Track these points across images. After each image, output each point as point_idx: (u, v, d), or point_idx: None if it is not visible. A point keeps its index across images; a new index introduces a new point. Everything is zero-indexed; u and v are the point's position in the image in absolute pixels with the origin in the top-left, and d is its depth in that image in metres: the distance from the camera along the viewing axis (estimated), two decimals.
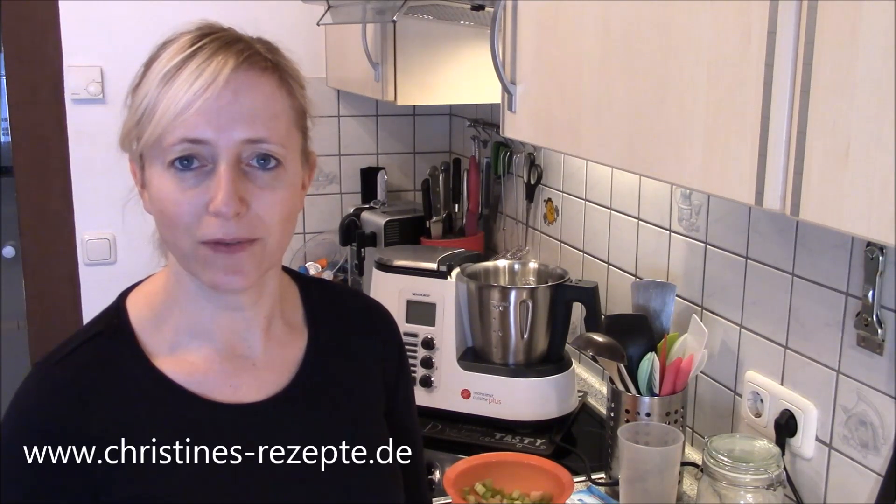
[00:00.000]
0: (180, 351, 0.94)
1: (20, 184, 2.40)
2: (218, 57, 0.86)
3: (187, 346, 0.95)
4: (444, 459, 1.63)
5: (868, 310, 1.20)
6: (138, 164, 0.92)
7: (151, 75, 0.87)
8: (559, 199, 2.07)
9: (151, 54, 0.90)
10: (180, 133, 0.85)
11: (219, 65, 0.85)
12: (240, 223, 0.86)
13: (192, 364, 0.94)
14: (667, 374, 1.46)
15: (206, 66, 0.85)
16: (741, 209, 1.45)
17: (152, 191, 0.89)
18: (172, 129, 0.85)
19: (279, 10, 2.42)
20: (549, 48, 1.26)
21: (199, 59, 0.85)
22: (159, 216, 0.89)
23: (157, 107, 0.85)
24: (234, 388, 0.96)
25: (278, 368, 1.00)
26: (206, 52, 0.86)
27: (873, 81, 0.73)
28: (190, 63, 0.85)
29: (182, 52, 0.86)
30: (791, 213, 0.84)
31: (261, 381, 0.98)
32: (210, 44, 0.87)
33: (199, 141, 0.85)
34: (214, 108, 0.85)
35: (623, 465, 1.36)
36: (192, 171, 0.86)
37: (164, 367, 0.93)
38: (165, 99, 0.85)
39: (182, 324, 0.95)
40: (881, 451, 1.21)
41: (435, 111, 2.73)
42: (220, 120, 0.85)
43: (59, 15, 2.36)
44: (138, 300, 0.97)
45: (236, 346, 0.97)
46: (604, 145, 1.14)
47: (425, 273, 1.79)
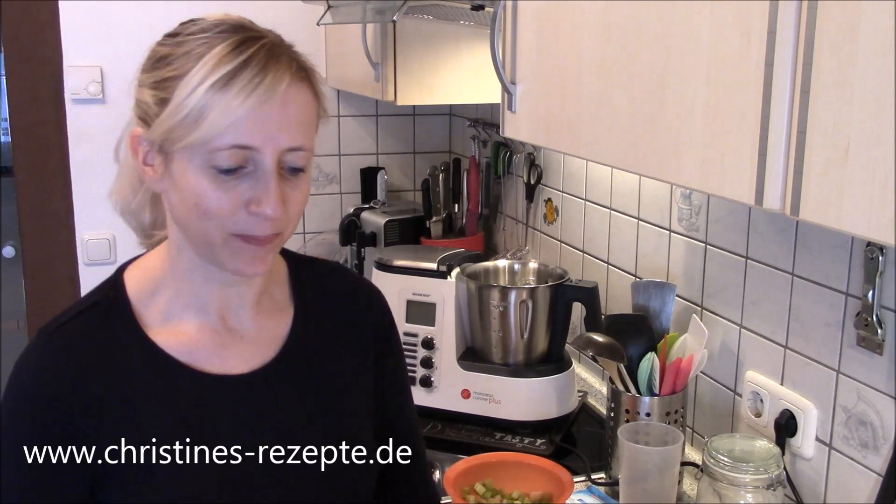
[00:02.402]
0: (173, 322, 0.99)
1: (20, 184, 2.40)
2: (271, 70, 0.89)
3: (180, 317, 0.99)
4: (444, 459, 1.63)
5: (868, 310, 1.20)
6: (151, 145, 0.93)
7: (194, 76, 0.88)
8: (559, 199, 2.07)
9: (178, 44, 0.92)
10: (230, 139, 0.88)
11: (274, 79, 0.89)
12: (274, 222, 0.92)
13: (183, 335, 0.99)
14: (667, 374, 1.46)
15: (260, 78, 0.88)
16: (741, 209, 1.45)
17: (181, 182, 0.91)
18: (223, 135, 0.88)
19: (279, 10, 2.42)
20: (549, 48, 1.26)
21: (254, 70, 0.88)
22: (188, 207, 0.92)
23: (208, 112, 0.88)
24: (223, 359, 1.00)
25: (265, 342, 1.04)
26: (257, 62, 0.89)
27: (873, 81, 0.73)
28: (244, 72, 0.88)
29: (231, 57, 0.89)
30: (791, 213, 0.84)
31: (249, 354, 1.02)
32: (258, 54, 0.90)
33: (247, 147, 0.89)
34: (266, 118, 0.89)
35: (623, 465, 1.36)
36: (233, 173, 0.90)
37: (156, 337, 0.98)
38: (219, 106, 0.87)
39: (176, 296, 0.99)
40: (881, 451, 1.21)
41: (435, 111, 2.73)
42: (270, 129, 0.89)
43: (59, 15, 2.36)
44: (135, 273, 1.01)
45: (227, 319, 1.02)
46: (604, 145, 1.14)
47: (425, 273, 1.79)
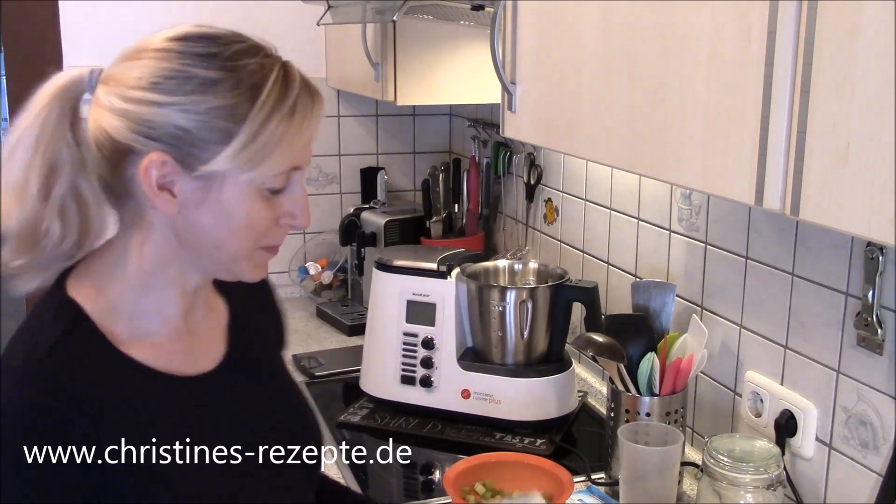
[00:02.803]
0: (139, 335, 0.97)
1: None
2: (314, 93, 0.96)
3: (147, 329, 0.98)
4: (443, 459, 1.63)
5: (868, 310, 1.20)
6: (191, 176, 0.91)
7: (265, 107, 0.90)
8: (559, 199, 2.07)
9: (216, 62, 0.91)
10: (291, 163, 0.94)
11: (319, 102, 0.96)
12: None
13: (154, 346, 0.98)
14: (667, 374, 1.46)
15: (311, 103, 0.94)
16: (741, 209, 1.45)
17: (230, 205, 0.93)
18: (286, 161, 0.93)
19: (279, 10, 2.42)
20: (549, 48, 1.26)
21: (304, 96, 0.94)
22: (231, 228, 0.94)
23: (281, 142, 0.91)
24: (194, 360, 1.02)
25: (216, 336, 1.08)
26: (302, 87, 0.94)
27: (873, 81, 0.73)
28: (300, 101, 0.93)
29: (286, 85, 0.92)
30: (791, 213, 0.84)
31: (209, 350, 1.05)
32: (296, 75, 0.95)
33: (299, 168, 0.96)
34: (311, 140, 0.96)
35: (623, 465, 1.36)
36: (279, 192, 0.95)
37: (131, 353, 0.96)
38: (289, 135, 0.92)
39: (142, 309, 0.98)
40: (881, 451, 1.21)
41: (435, 111, 2.73)
42: (311, 149, 0.97)
43: (59, 15, 2.35)
44: (87, 294, 0.96)
45: (189, 322, 1.03)
46: (604, 145, 1.14)
47: (425, 273, 1.79)
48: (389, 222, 2.36)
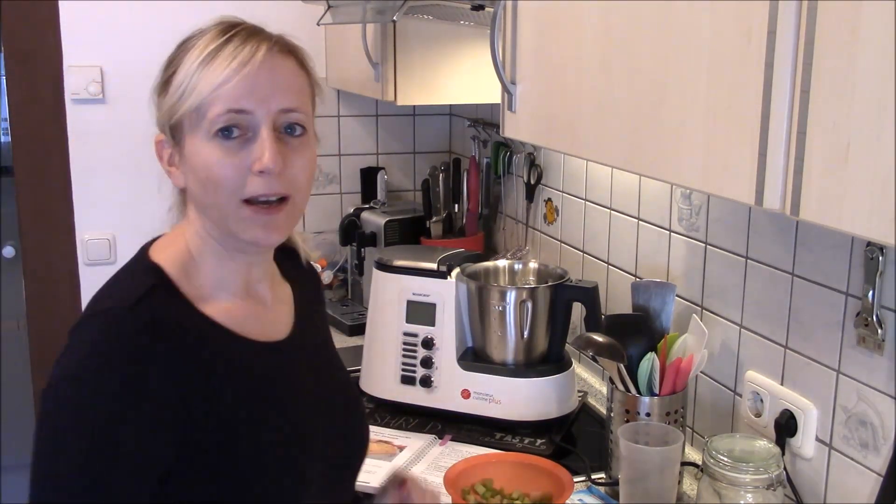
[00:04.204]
0: (211, 300, 1.03)
1: (20, 184, 2.40)
2: (251, 41, 0.99)
3: (215, 295, 1.04)
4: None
5: (868, 310, 1.20)
6: (169, 142, 1.01)
7: (188, 62, 0.98)
8: (559, 199, 2.07)
9: (179, 48, 1.01)
10: (223, 105, 0.96)
11: (253, 48, 0.98)
12: (279, 180, 0.98)
13: (226, 309, 1.04)
14: (667, 374, 1.46)
15: (241, 48, 0.98)
16: (741, 209, 1.45)
17: (193, 160, 0.99)
18: (215, 102, 0.96)
19: (279, 10, 2.42)
20: (549, 48, 1.26)
21: (235, 43, 0.98)
22: (202, 182, 0.99)
23: (198, 83, 0.96)
24: (264, 326, 1.08)
25: (284, 311, 1.13)
26: (239, 38, 0.99)
27: (873, 81, 0.73)
28: (227, 47, 0.97)
29: (216, 39, 0.98)
30: (791, 213, 0.84)
31: (277, 321, 1.11)
32: (240, 32, 0.99)
33: (241, 111, 0.97)
34: (253, 83, 0.97)
35: (623, 465, 1.36)
36: (235, 140, 0.97)
37: (208, 312, 1.02)
38: (206, 76, 0.96)
39: (207, 279, 1.04)
40: (881, 451, 1.21)
41: (435, 111, 2.73)
42: (260, 93, 0.97)
43: (59, 15, 2.35)
44: (165, 258, 1.03)
45: (253, 293, 1.08)
46: (604, 145, 1.14)
47: (425, 273, 1.79)
48: (389, 222, 2.36)
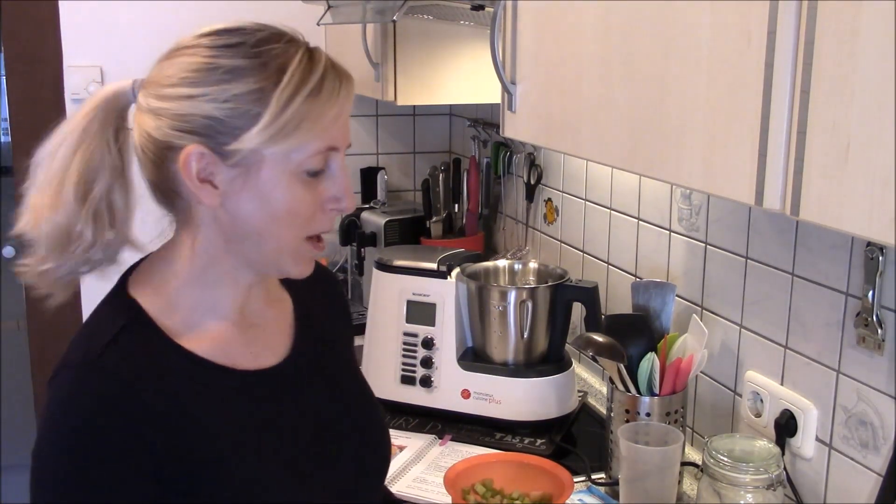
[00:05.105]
0: (197, 330, 0.98)
1: (20, 184, 2.40)
2: (341, 73, 0.96)
3: (204, 324, 0.99)
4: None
5: (868, 310, 1.20)
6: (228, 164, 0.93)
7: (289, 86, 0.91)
8: (559, 199, 2.07)
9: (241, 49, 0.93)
10: (323, 143, 0.94)
11: (348, 82, 0.96)
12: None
13: (212, 339, 0.99)
14: (667, 374, 1.46)
15: (339, 82, 0.95)
16: (741, 209, 1.45)
17: (270, 191, 0.93)
18: (316, 140, 0.93)
19: (279, 10, 2.42)
20: (549, 48, 1.26)
21: (332, 76, 0.95)
22: (273, 215, 0.94)
23: (304, 119, 0.92)
24: (254, 354, 1.02)
25: (281, 330, 1.08)
26: (330, 68, 0.95)
27: (873, 81, 0.73)
28: (327, 80, 0.94)
29: (312, 67, 0.94)
30: (791, 213, 0.84)
31: (272, 344, 1.06)
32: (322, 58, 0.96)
33: (333, 149, 0.95)
34: (344, 119, 0.96)
35: (623, 465, 1.36)
36: (319, 175, 0.96)
37: (188, 346, 0.97)
38: (313, 112, 0.92)
39: (198, 305, 0.99)
40: (881, 451, 1.21)
41: (435, 111, 2.73)
42: (345, 129, 0.97)
43: (59, 15, 2.35)
44: (144, 291, 0.99)
45: (248, 316, 1.03)
46: (604, 145, 1.14)
47: (425, 273, 1.79)
48: (389, 222, 2.36)
